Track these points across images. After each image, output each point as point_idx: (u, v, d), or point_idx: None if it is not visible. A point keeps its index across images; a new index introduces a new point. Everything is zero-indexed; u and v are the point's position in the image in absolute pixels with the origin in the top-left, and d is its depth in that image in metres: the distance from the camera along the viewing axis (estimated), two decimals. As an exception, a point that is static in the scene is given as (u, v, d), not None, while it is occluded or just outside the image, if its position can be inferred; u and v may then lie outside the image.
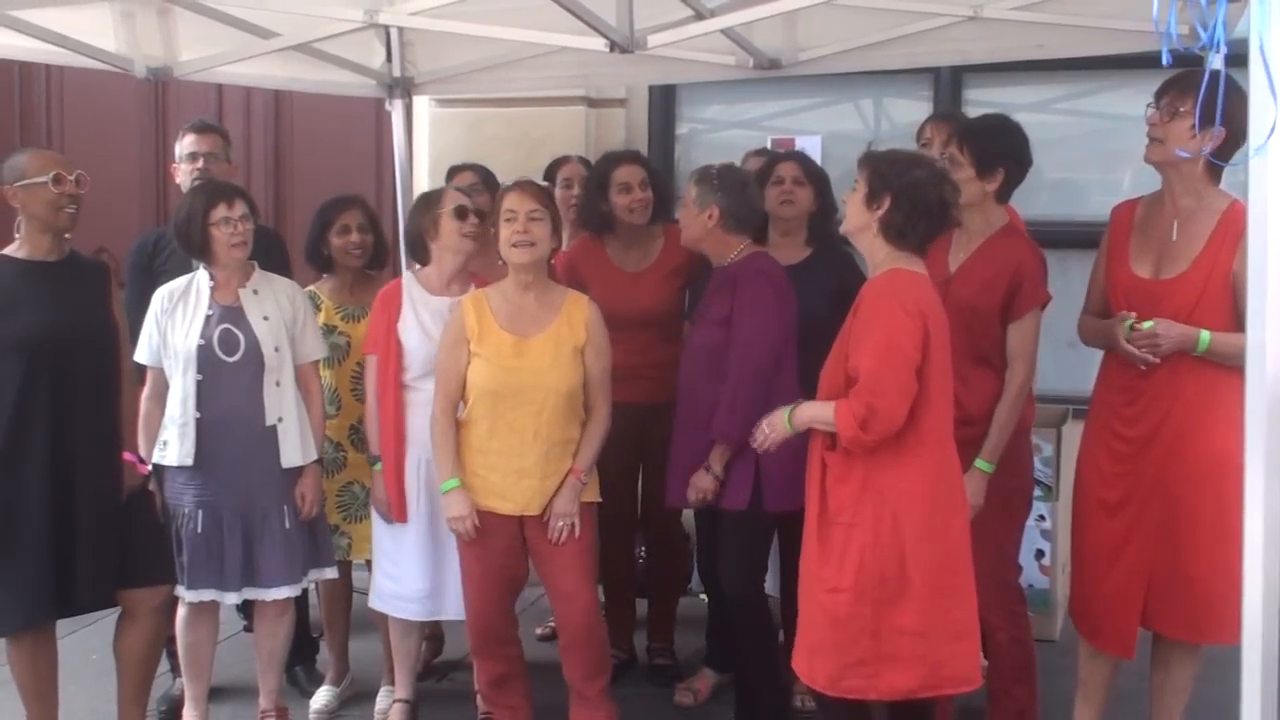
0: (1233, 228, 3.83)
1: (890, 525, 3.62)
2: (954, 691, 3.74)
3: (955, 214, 3.84)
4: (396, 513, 4.68)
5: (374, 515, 4.78)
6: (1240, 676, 2.74)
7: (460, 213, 4.68)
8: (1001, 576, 4.30)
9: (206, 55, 5.37)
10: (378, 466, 4.71)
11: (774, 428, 3.91)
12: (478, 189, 5.29)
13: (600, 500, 4.56)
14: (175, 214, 4.63)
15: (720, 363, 4.43)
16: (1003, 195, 4.29)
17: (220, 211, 4.44)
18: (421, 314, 4.69)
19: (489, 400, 4.39)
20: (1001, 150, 4.23)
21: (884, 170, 3.71)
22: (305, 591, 4.82)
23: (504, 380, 4.37)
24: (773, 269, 4.50)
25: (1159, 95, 3.96)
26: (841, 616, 3.67)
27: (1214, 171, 3.95)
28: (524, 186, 4.52)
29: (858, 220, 3.76)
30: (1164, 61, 3.25)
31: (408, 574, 4.72)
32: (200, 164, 5.22)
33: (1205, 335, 3.85)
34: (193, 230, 4.47)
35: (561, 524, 4.38)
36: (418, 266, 4.88)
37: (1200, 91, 3.44)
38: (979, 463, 4.15)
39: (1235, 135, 3.61)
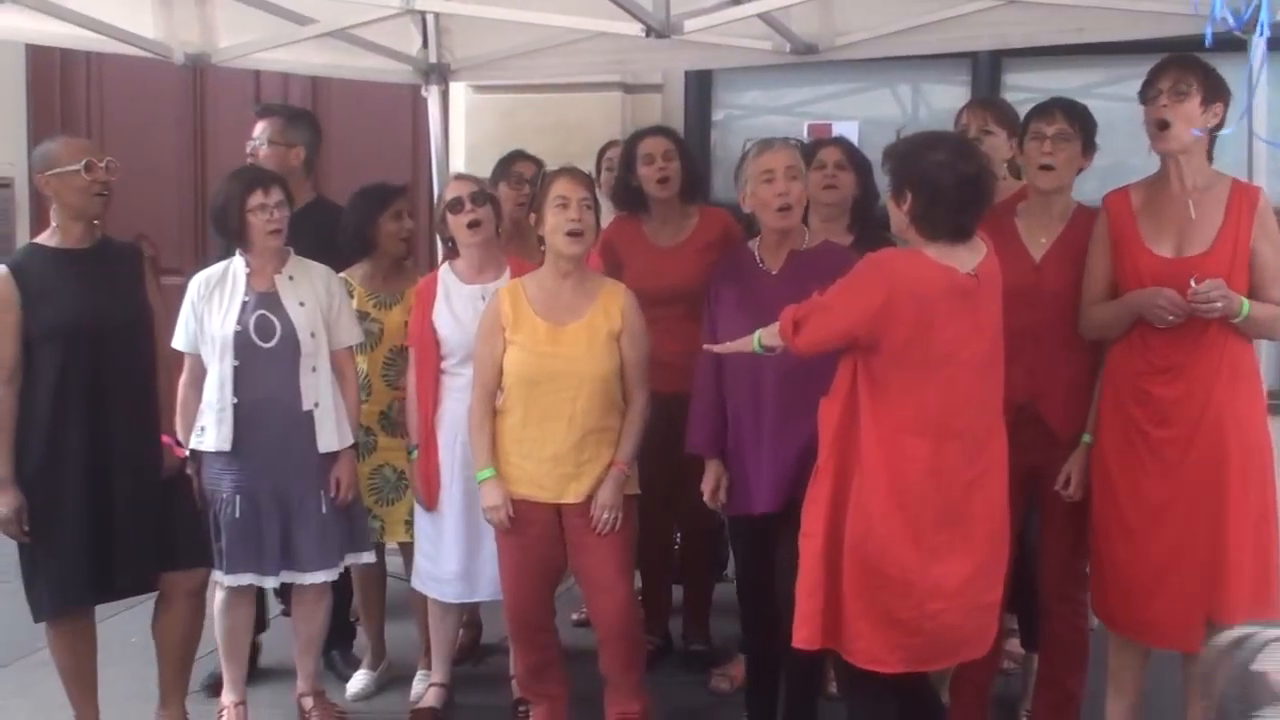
0: (1245, 201, 3.89)
1: (848, 494, 3.63)
2: (860, 666, 3.67)
3: (987, 185, 3.70)
4: (429, 500, 4.71)
5: (415, 499, 4.82)
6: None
7: (455, 206, 4.68)
8: (1069, 563, 4.27)
9: (244, 42, 5.40)
10: (414, 455, 4.73)
11: (739, 341, 3.97)
12: (532, 180, 5.30)
13: (639, 492, 4.54)
14: (213, 199, 4.65)
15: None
16: None
17: (257, 198, 4.47)
18: (454, 302, 4.71)
19: (524, 387, 4.39)
20: (1095, 129, 4.22)
21: (898, 164, 3.66)
22: (343, 576, 4.83)
23: (538, 366, 4.37)
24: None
25: (1153, 82, 3.95)
26: (806, 563, 3.69)
27: (1210, 151, 4.00)
28: (574, 174, 4.47)
29: (898, 221, 3.71)
30: (1206, 43, 3.27)
31: (443, 555, 4.74)
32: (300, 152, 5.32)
33: (1246, 303, 3.84)
34: (229, 215, 4.49)
35: (607, 515, 4.36)
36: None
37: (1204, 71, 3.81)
38: (1087, 437, 4.12)
39: (1224, 114, 3.91)
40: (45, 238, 4.39)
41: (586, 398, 4.36)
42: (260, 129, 5.32)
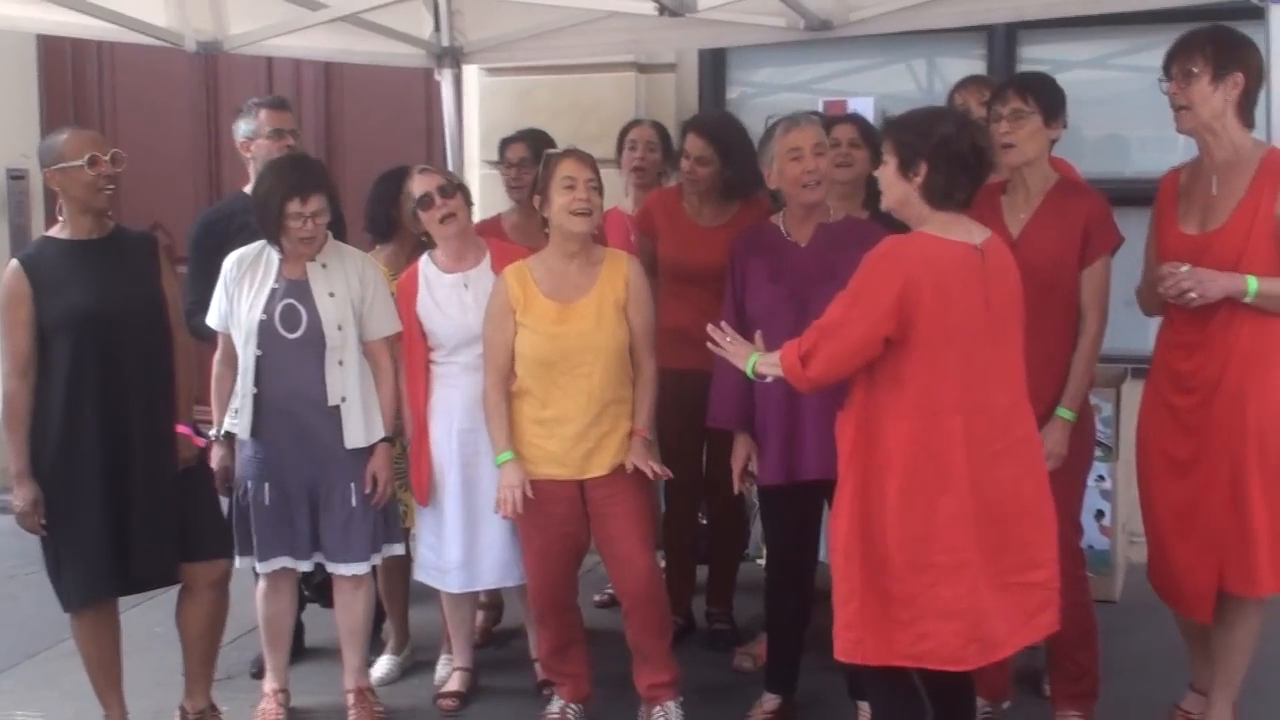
0: (1272, 173, 3.91)
1: (876, 490, 3.58)
2: (937, 668, 3.58)
3: (993, 158, 3.76)
4: (420, 495, 4.73)
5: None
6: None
7: (425, 203, 4.65)
8: (1063, 538, 4.26)
9: (256, 28, 5.39)
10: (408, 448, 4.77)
11: (736, 350, 3.89)
12: (526, 164, 5.31)
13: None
14: (256, 186, 4.58)
15: None
16: (1051, 146, 4.28)
17: (294, 206, 4.39)
18: (436, 293, 4.70)
19: (539, 369, 4.40)
20: (1061, 99, 4.22)
21: (910, 137, 3.61)
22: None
23: (551, 347, 4.38)
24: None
25: (1167, 66, 4.01)
26: (837, 575, 3.66)
27: (1245, 119, 3.99)
28: (579, 155, 4.48)
29: (896, 193, 3.65)
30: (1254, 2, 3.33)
31: (445, 545, 4.75)
32: (289, 140, 5.18)
33: (1253, 281, 3.86)
34: (269, 214, 4.44)
35: (657, 467, 4.39)
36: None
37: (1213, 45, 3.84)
38: (1060, 411, 4.14)
39: (1254, 78, 3.93)
40: (56, 230, 4.39)
41: (603, 370, 4.38)
42: (291, 120, 5.28)
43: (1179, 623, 4.36)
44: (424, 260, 4.79)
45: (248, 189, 5.16)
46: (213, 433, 4.71)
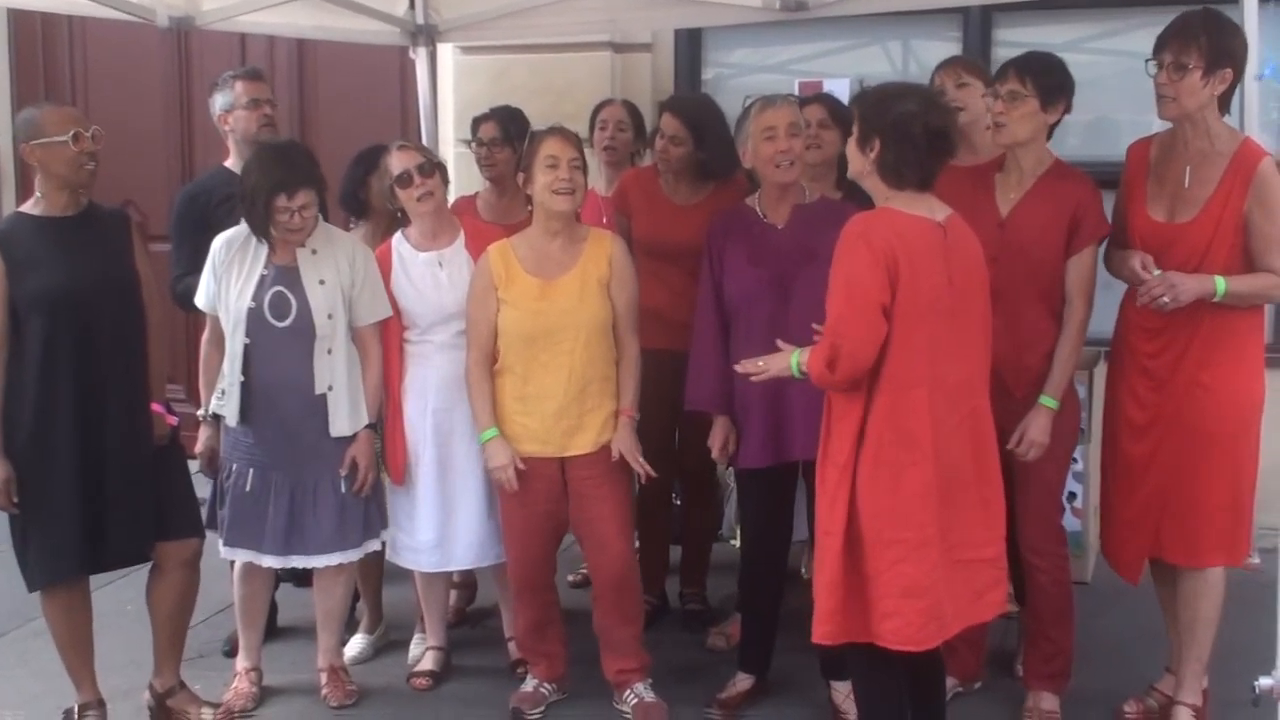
0: (1243, 169, 3.95)
1: (856, 468, 3.59)
2: (896, 647, 3.58)
3: (953, 139, 3.75)
4: (395, 474, 4.72)
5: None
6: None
7: (403, 180, 4.64)
8: (1047, 516, 4.34)
9: (229, 4, 5.35)
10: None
11: (772, 365, 3.82)
12: (497, 143, 5.29)
13: (639, 445, 4.53)
14: (242, 178, 4.49)
15: None
16: (1052, 130, 4.26)
17: (281, 201, 4.36)
18: (411, 270, 4.70)
19: (521, 345, 4.40)
20: (1064, 83, 4.20)
21: (868, 112, 3.64)
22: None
23: (534, 324, 4.38)
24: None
25: (1158, 51, 4.02)
26: (826, 560, 3.66)
27: (1224, 108, 4.04)
28: (564, 133, 4.47)
29: (856, 164, 3.71)
30: None
31: (417, 525, 4.75)
32: (266, 109, 5.16)
33: (1221, 283, 3.92)
34: (255, 209, 4.41)
35: (646, 467, 4.42)
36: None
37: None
38: (1044, 399, 4.17)
39: (1239, 71, 3.96)
40: (29, 206, 4.35)
41: (584, 348, 4.39)
42: (266, 90, 5.24)
43: (1161, 601, 4.40)
44: (397, 238, 4.78)
45: (228, 163, 5.14)
46: (200, 413, 4.69)
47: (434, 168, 4.70)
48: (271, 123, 5.16)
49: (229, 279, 4.50)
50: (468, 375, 4.50)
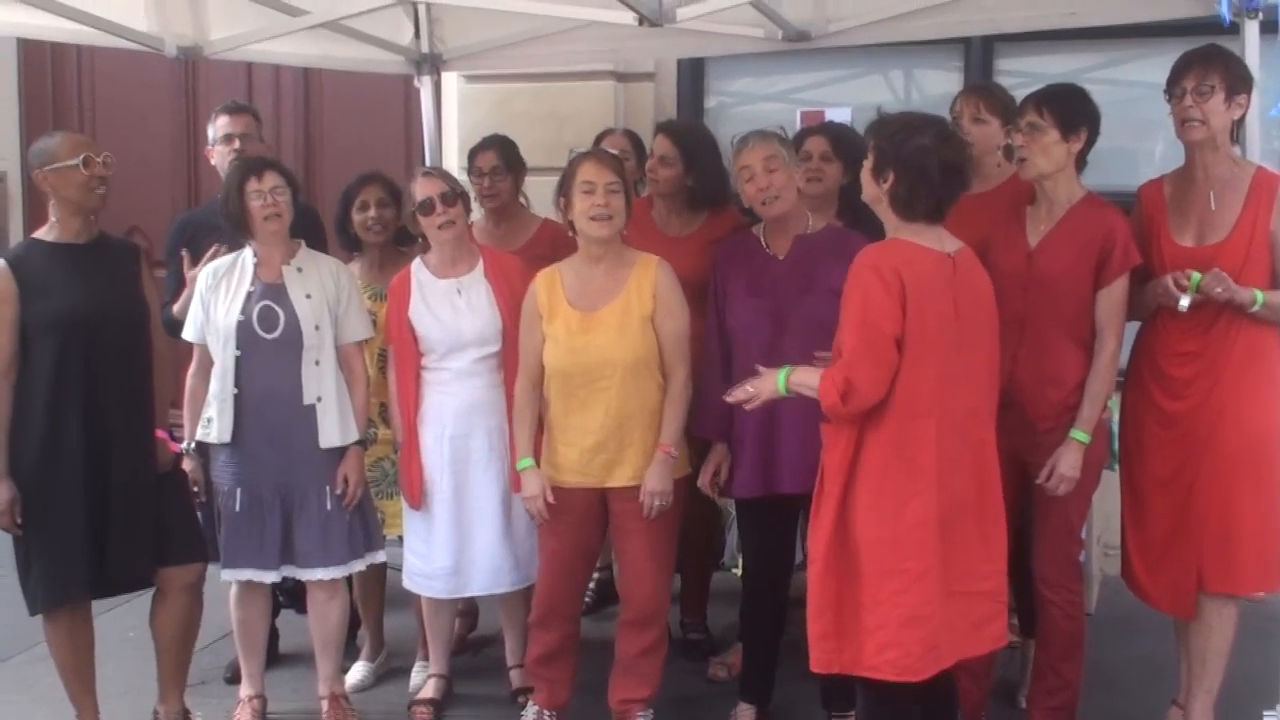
0: (1265, 190, 4.04)
1: (853, 497, 3.60)
2: (894, 679, 3.58)
3: (967, 174, 3.79)
4: (411, 498, 4.72)
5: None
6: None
7: (426, 209, 4.66)
8: (1065, 550, 4.30)
9: (236, 34, 5.38)
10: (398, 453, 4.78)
11: (761, 388, 3.82)
12: (499, 171, 5.31)
13: (690, 471, 4.52)
14: (220, 193, 4.63)
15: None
16: (1082, 159, 4.25)
17: (251, 185, 4.47)
18: (430, 298, 4.70)
19: (559, 380, 4.40)
20: (1083, 111, 4.20)
21: (884, 143, 3.66)
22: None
23: (570, 361, 4.36)
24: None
25: (1177, 80, 4.08)
26: (815, 585, 3.67)
27: (1235, 139, 4.14)
28: (600, 157, 4.46)
29: (870, 192, 3.74)
30: (1224, 21, 3.40)
31: (433, 551, 4.74)
32: (236, 145, 5.25)
33: (1259, 294, 3.99)
34: (231, 206, 4.51)
35: (657, 503, 4.35)
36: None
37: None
38: (1075, 433, 4.14)
39: (1249, 100, 4.07)
40: (43, 233, 4.41)
41: (620, 385, 4.35)
42: (242, 124, 5.32)
43: (1178, 631, 4.38)
44: (416, 264, 4.79)
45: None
46: (184, 445, 4.69)
47: (456, 197, 4.72)
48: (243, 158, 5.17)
49: (216, 301, 4.55)
50: (515, 399, 4.50)
